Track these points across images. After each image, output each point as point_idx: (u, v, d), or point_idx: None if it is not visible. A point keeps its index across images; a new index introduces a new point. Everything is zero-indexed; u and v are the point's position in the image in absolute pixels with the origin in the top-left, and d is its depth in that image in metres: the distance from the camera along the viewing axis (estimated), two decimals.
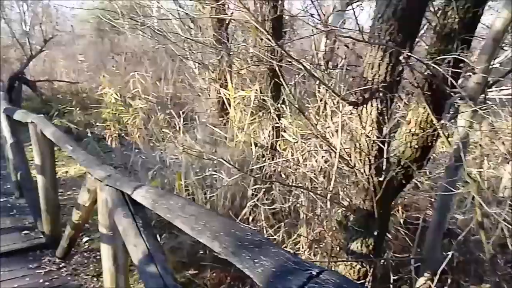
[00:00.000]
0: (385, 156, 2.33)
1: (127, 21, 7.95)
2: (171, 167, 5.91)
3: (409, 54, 2.01)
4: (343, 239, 3.08)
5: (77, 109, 10.38)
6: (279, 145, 4.85)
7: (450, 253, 2.80)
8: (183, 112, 9.06)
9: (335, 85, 3.79)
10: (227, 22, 6.54)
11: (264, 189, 3.70)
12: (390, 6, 2.16)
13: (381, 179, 2.42)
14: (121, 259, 2.37)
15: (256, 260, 1.18)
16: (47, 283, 3.11)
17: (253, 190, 4.01)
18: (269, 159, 4.62)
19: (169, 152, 6.39)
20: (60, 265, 3.38)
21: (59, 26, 14.14)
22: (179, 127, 7.03)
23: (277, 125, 4.77)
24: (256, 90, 4.99)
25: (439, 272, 2.73)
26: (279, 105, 4.61)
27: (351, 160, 2.57)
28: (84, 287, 3.31)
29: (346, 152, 2.64)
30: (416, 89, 2.46)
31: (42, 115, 3.55)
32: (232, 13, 6.48)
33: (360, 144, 2.47)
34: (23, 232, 3.85)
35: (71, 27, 16.06)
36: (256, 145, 4.98)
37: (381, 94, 2.29)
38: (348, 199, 2.80)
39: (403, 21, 2.16)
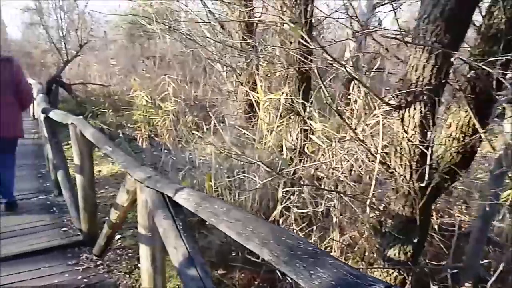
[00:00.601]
0: (428, 161, 2.19)
1: (157, 26, 7.96)
2: (200, 168, 5.87)
3: (459, 56, 1.87)
4: (378, 245, 2.94)
5: (110, 110, 10.50)
6: (307, 147, 4.75)
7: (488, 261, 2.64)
8: (209, 114, 9.05)
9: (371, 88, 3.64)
10: (255, 25, 6.48)
11: (297, 192, 3.59)
12: (437, 6, 2.02)
13: (422, 185, 2.28)
14: (159, 260, 2.30)
15: (312, 272, 1.08)
16: (85, 280, 3.06)
17: (284, 192, 3.90)
18: (299, 161, 4.52)
19: (198, 153, 6.36)
20: (97, 263, 3.34)
21: (93, 32, 14.36)
22: (207, 129, 7.01)
23: (305, 127, 4.68)
24: (286, 92, 4.89)
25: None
26: (308, 108, 4.52)
27: (390, 164, 2.44)
28: (118, 283, 3.27)
29: (385, 157, 2.50)
30: (458, 91, 2.32)
31: (81, 117, 3.54)
32: (260, 17, 6.41)
33: (401, 148, 2.34)
34: (62, 229, 3.83)
35: (104, 33, 16.33)
36: (284, 147, 4.89)
37: (425, 97, 2.16)
38: (385, 204, 2.66)
39: (450, 21, 2.02)
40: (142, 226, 2.26)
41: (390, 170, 2.47)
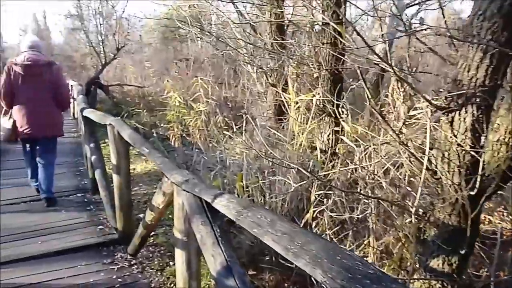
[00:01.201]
0: (481, 168, 1.97)
1: (191, 29, 7.90)
2: (231, 167, 5.75)
3: None
4: (418, 253, 2.72)
5: (144, 111, 10.55)
6: (339, 149, 4.56)
7: None
8: (240, 115, 8.93)
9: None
10: (285, 26, 6.31)
11: (332, 196, 3.39)
12: (495, 2, 1.79)
13: (472, 192, 2.06)
14: (194, 266, 2.16)
15: None
16: (119, 280, 2.97)
17: (318, 195, 3.71)
18: (330, 162, 4.33)
19: (229, 153, 6.26)
20: (131, 262, 3.24)
21: (129, 36, 14.50)
22: (237, 129, 6.90)
23: (337, 129, 4.49)
24: (318, 93, 4.71)
25: None
26: (339, 109, 4.34)
27: (436, 170, 2.21)
28: (150, 280, 3.17)
29: (431, 161, 2.28)
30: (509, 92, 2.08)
31: (118, 118, 3.46)
32: (290, 18, 6.24)
33: (449, 153, 2.11)
34: (98, 227, 3.76)
35: (139, 36, 16.48)
36: (315, 148, 4.71)
37: (478, 100, 1.93)
38: (425, 210, 2.44)
39: (509, 18, 1.79)
40: (178, 230, 2.13)
41: (436, 176, 2.25)
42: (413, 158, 2.32)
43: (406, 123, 2.92)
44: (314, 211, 3.79)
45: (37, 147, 4.26)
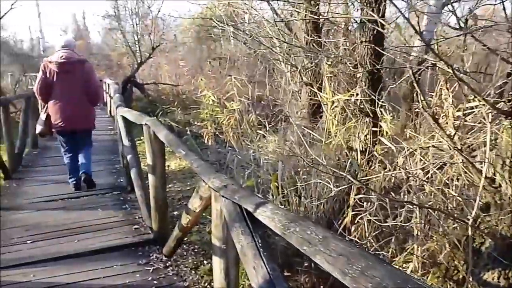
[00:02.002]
0: None
1: (227, 28, 7.82)
2: (264, 167, 5.62)
3: None
4: (469, 264, 2.49)
5: (178, 109, 10.57)
6: (376, 150, 4.35)
7: None
8: (273, 114, 8.79)
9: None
10: (321, 25, 6.12)
11: (374, 201, 3.19)
12: None
13: None
14: (233, 275, 2.04)
15: None
16: (155, 282, 2.89)
17: (358, 200, 3.52)
18: (367, 163, 4.14)
19: (262, 152, 6.14)
20: (167, 264, 3.15)
21: (164, 35, 14.62)
22: (270, 127, 6.77)
23: (374, 129, 4.28)
24: (356, 93, 4.51)
25: None
26: (378, 109, 4.13)
27: (495, 178, 2.00)
28: (184, 278, 3.09)
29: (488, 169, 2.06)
30: None
31: (154, 118, 3.39)
32: (326, 16, 6.03)
33: (511, 161, 1.90)
34: (134, 227, 3.70)
35: (174, 36, 16.61)
36: (351, 149, 4.51)
37: None
38: (485, 222, 2.22)
39: None
40: (216, 237, 2.01)
41: (494, 185, 2.03)
42: (469, 164, 2.11)
43: (456, 125, 2.68)
44: (353, 216, 3.61)
45: (73, 140, 4.49)
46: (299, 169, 5.10)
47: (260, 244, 1.66)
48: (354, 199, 3.66)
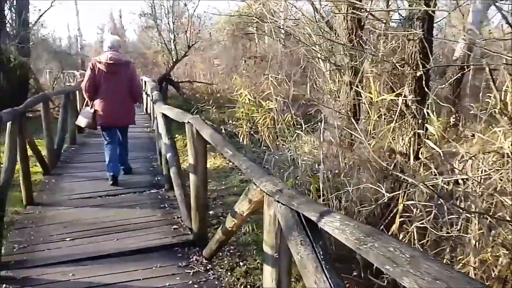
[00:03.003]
0: None
1: (265, 25, 7.70)
2: (302, 168, 5.47)
3: None
4: None
5: (213, 107, 10.55)
6: (421, 153, 4.12)
7: None
8: (309, 113, 8.60)
9: None
10: (362, 23, 5.90)
11: (424, 209, 2.98)
12: None
13: None
14: (285, 284, 1.89)
15: None
16: (195, 286, 2.78)
17: (408, 206, 3.30)
18: (417, 170, 3.91)
19: (299, 153, 5.99)
20: (207, 267, 3.03)
21: (200, 33, 14.68)
22: (307, 126, 6.61)
23: (420, 131, 4.07)
24: (404, 94, 4.29)
25: None
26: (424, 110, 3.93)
27: None
28: (220, 279, 2.98)
29: None
30: None
31: (197, 116, 3.30)
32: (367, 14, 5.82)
33: None
34: (173, 227, 3.60)
35: (209, 34, 16.67)
36: (393, 151, 4.30)
37: None
38: None
39: None
40: (269, 245, 1.87)
41: None
42: None
43: None
44: (400, 222, 3.41)
45: (115, 134, 4.87)
46: (337, 171, 4.92)
47: (322, 257, 1.51)
48: (404, 204, 3.46)
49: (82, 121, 4.78)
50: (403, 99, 4.34)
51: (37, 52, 14.33)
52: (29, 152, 4.55)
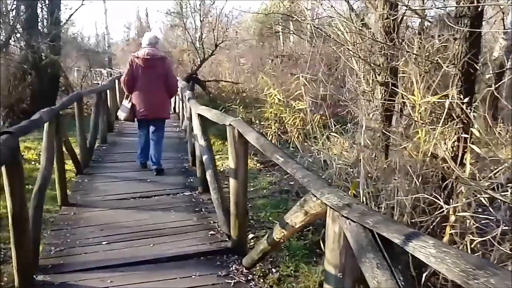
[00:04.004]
0: None
1: (290, 25, 7.53)
2: (337, 171, 5.28)
3: None
4: None
5: (240, 107, 10.43)
6: (466, 158, 3.88)
7: None
8: (339, 114, 8.36)
9: None
10: (399, 21, 5.65)
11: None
12: None
13: None
14: None
15: None
16: None
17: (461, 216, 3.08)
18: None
19: (332, 156, 5.81)
20: (248, 277, 2.88)
21: (226, 32, 14.58)
22: (339, 128, 6.42)
23: (465, 135, 3.84)
24: (448, 95, 4.06)
25: None
26: (471, 113, 3.69)
27: None
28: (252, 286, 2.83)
29: None
30: None
31: (239, 118, 3.15)
32: (404, 14, 5.58)
33: None
34: (210, 232, 3.46)
35: (235, 33, 16.57)
36: (436, 157, 4.09)
37: None
38: None
39: None
40: (331, 264, 1.71)
41: None
42: None
43: None
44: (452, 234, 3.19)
45: (149, 127, 5.03)
46: (372, 176, 4.71)
47: (403, 284, 1.34)
48: (456, 215, 3.24)
49: (121, 114, 5.05)
50: (450, 101, 4.11)
51: (66, 50, 14.51)
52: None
